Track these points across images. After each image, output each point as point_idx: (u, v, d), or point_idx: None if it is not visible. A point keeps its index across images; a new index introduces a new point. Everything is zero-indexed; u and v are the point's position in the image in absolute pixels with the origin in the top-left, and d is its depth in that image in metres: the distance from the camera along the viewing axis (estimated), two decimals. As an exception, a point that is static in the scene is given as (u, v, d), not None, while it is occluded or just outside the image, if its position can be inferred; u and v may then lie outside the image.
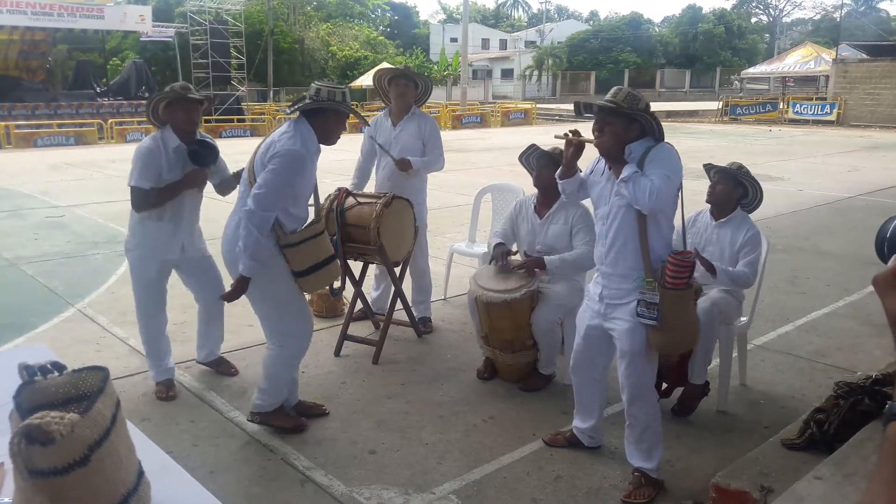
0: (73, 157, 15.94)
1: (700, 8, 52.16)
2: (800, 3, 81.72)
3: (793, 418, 3.20)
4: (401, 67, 4.76)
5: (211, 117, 21.41)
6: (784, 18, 63.51)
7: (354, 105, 3.36)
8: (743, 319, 3.82)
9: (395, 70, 4.71)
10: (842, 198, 10.58)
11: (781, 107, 28.50)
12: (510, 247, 4.12)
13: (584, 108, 2.87)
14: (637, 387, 2.89)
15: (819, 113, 27.16)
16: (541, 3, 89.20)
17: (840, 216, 9.24)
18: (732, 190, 3.62)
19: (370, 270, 4.84)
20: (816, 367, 4.28)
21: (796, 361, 4.38)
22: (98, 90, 23.90)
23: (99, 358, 4.26)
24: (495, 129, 26.33)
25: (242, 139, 20.89)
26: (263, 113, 25.41)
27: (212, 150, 3.68)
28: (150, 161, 3.55)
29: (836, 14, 50.59)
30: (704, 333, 3.31)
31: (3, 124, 18.80)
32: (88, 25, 23.08)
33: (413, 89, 4.64)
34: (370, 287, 5.09)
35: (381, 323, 4.54)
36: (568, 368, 3.49)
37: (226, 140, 19.78)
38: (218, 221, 3.70)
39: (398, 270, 4.46)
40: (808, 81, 40.01)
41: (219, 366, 4.13)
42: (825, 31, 52.73)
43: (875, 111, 25.94)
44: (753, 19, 58.58)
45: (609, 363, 3.13)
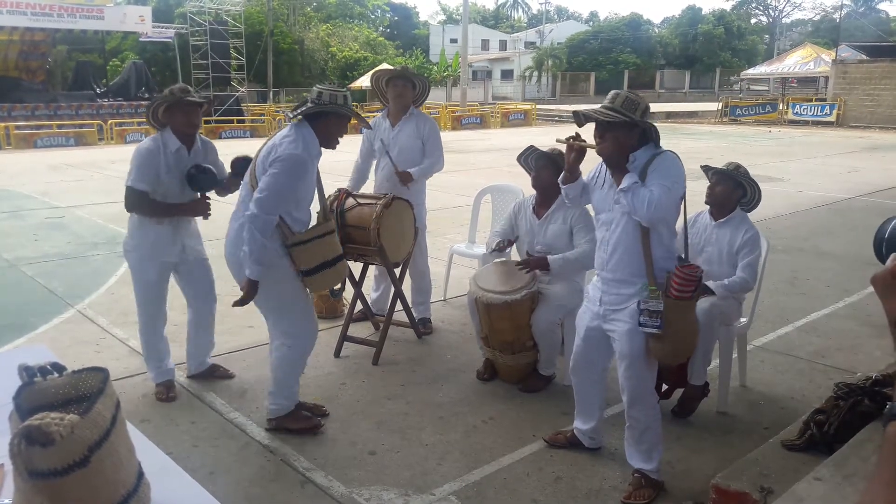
0: (73, 158, 15.95)
1: (700, 9, 52.24)
2: (799, 4, 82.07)
3: (793, 419, 3.20)
4: (398, 68, 4.76)
5: (211, 118, 21.42)
6: (784, 19, 63.73)
7: (355, 107, 3.36)
8: (743, 320, 3.82)
9: (393, 71, 4.71)
10: (841, 198, 10.58)
11: (781, 108, 28.52)
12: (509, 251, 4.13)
13: (585, 118, 2.87)
14: (637, 388, 2.89)
15: (819, 114, 27.17)
16: (540, 4, 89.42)
17: (840, 217, 9.24)
18: (732, 191, 3.62)
19: (370, 271, 4.84)
20: (816, 368, 4.28)
21: (796, 362, 4.38)
22: (98, 91, 23.94)
23: (99, 359, 4.26)
24: (495, 130, 26.34)
25: (242, 140, 20.89)
26: (263, 114, 25.42)
27: (209, 177, 3.66)
28: (149, 162, 3.55)
29: (836, 15, 50.75)
30: (704, 334, 3.31)
31: (3, 125, 18.82)
32: (88, 26, 23.11)
33: (411, 90, 4.64)
34: (370, 288, 5.09)
35: (381, 324, 4.54)
36: (568, 369, 3.49)
37: (225, 141, 19.79)
38: (216, 222, 3.70)
39: (398, 271, 4.46)
40: (808, 82, 40.05)
41: (213, 373, 4.09)
42: (825, 32, 52.78)
43: (875, 112, 25.95)
44: (753, 20, 58.64)
45: (608, 364, 3.13)
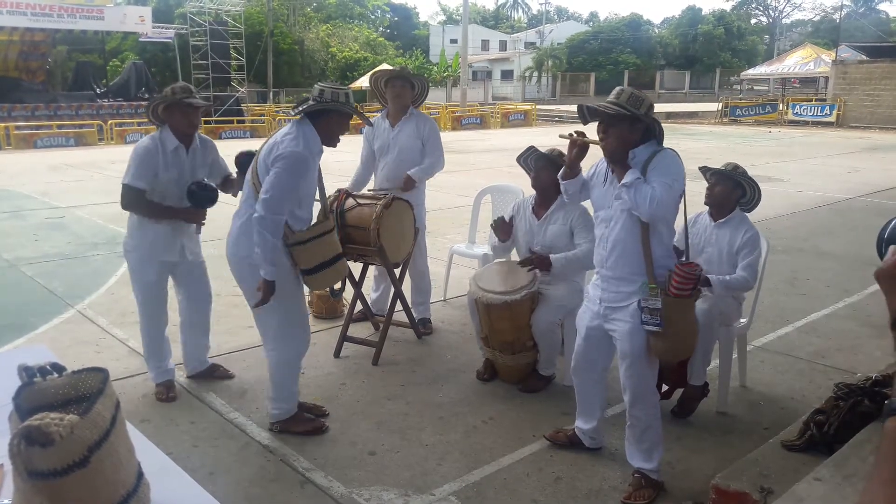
0: (73, 158, 15.95)
1: (700, 9, 52.24)
2: (799, 5, 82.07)
3: (792, 419, 3.20)
4: (396, 69, 4.75)
5: (211, 118, 21.42)
6: (784, 20, 63.75)
7: (356, 106, 3.37)
8: (742, 321, 3.82)
9: (391, 72, 4.71)
10: (841, 199, 10.58)
11: (781, 108, 28.51)
12: (509, 251, 4.13)
13: (589, 113, 2.87)
14: (639, 387, 2.89)
15: (819, 114, 27.17)
16: (540, 5, 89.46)
17: (840, 217, 9.24)
18: (731, 191, 3.61)
19: (370, 272, 4.84)
20: (816, 369, 4.28)
21: (796, 363, 4.38)
22: (98, 91, 23.94)
23: (99, 359, 4.26)
24: (495, 131, 26.34)
25: (242, 140, 20.87)
26: (263, 114, 25.41)
27: (210, 194, 3.68)
28: (147, 161, 3.56)
29: (836, 15, 50.75)
30: (704, 334, 3.31)
31: (3, 125, 18.82)
32: (88, 26, 23.10)
33: (409, 90, 4.63)
34: (370, 288, 5.09)
35: (381, 324, 4.54)
36: (568, 370, 3.49)
37: (225, 141, 19.77)
38: (216, 221, 3.70)
39: (398, 272, 4.46)
40: (808, 83, 40.06)
41: (212, 373, 4.08)
42: (825, 33, 52.79)
43: (875, 112, 25.95)
44: (753, 20, 58.64)
45: (609, 364, 3.13)
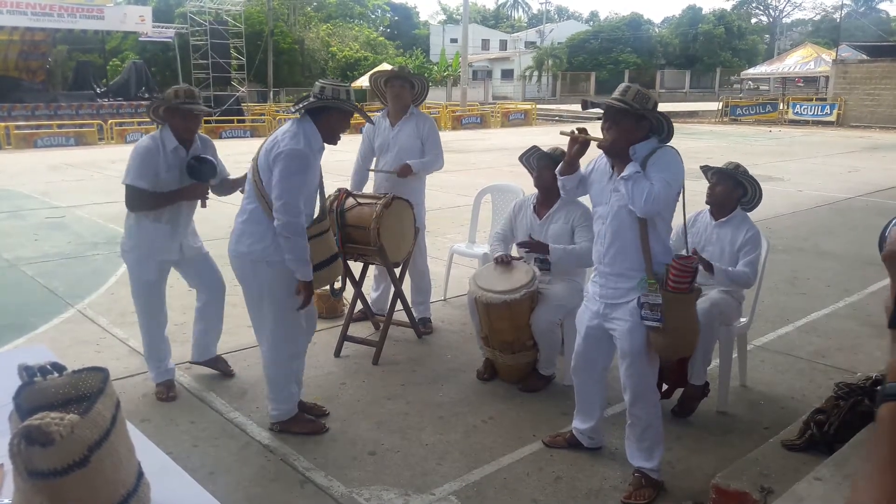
0: (73, 158, 15.95)
1: (700, 8, 52.19)
2: (800, 4, 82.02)
3: (793, 419, 3.20)
4: (395, 69, 4.74)
5: (211, 118, 21.41)
6: (784, 19, 63.73)
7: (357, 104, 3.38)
8: (743, 320, 3.82)
9: (390, 72, 4.71)
10: (842, 198, 10.58)
11: (781, 107, 28.50)
12: (509, 250, 4.13)
13: (593, 105, 2.87)
14: (639, 386, 2.89)
15: (819, 114, 27.15)
16: (541, 4, 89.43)
17: (840, 216, 9.24)
18: (732, 190, 3.61)
19: (370, 271, 4.84)
20: (816, 368, 4.28)
21: (796, 362, 4.38)
22: (98, 91, 23.93)
23: (99, 359, 4.26)
24: (495, 130, 26.33)
25: (242, 140, 20.88)
26: (263, 114, 25.41)
27: (209, 166, 3.69)
28: (148, 160, 3.56)
29: (836, 15, 50.70)
30: (704, 334, 3.31)
31: (3, 125, 18.82)
32: (88, 26, 23.10)
33: (409, 90, 4.64)
34: (370, 288, 5.09)
35: (381, 324, 4.54)
36: (568, 369, 3.49)
37: (225, 141, 19.79)
38: (213, 221, 3.70)
39: (398, 271, 4.46)
40: (808, 82, 40.05)
41: (216, 364, 4.10)
42: (825, 32, 52.75)
43: (875, 112, 25.94)
44: (753, 20, 58.61)
45: (609, 363, 3.13)
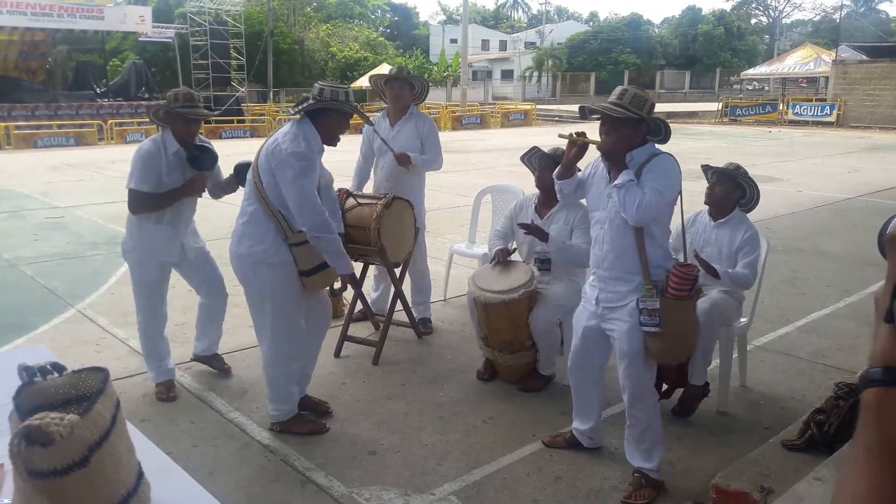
0: (73, 158, 15.94)
1: (700, 9, 52.17)
2: (799, 5, 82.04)
3: (793, 419, 3.21)
4: (394, 70, 4.71)
5: (211, 118, 21.40)
6: (784, 20, 63.72)
7: (357, 105, 3.38)
8: (743, 320, 3.82)
9: (389, 74, 4.71)
10: (841, 199, 10.58)
11: (781, 108, 28.49)
12: (509, 248, 4.13)
13: (591, 113, 2.87)
14: (638, 387, 2.89)
15: (819, 114, 27.15)
16: (540, 4, 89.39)
17: (840, 217, 9.24)
18: (731, 191, 3.62)
19: (370, 271, 4.84)
20: (816, 368, 4.28)
21: (796, 362, 4.38)
22: (98, 91, 23.92)
23: (99, 359, 4.26)
24: (495, 130, 26.33)
25: (242, 140, 20.89)
26: (263, 114, 25.41)
27: (210, 155, 3.72)
28: (150, 164, 3.57)
29: (836, 15, 50.73)
30: (704, 334, 3.31)
31: (3, 125, 18.81)
32: (88, 26, 23.09)
33: (408, 90, 4.64)
34: (370, 288, 5.09)
35: (381, 324, 4.54)
36: (567, 369, 3.49)
37: (225, 141, 19.79)
38: (214, 222, 3.71)
39: (398, 271, 4.46)
40: (808, 82, 40.05)
41: (212, 361, 4.13)
42: (825, 33, 52.76)
43: (875, 112, 25.94)
44: (753, 20, 58.60)
45: (605, 363, 3.14)
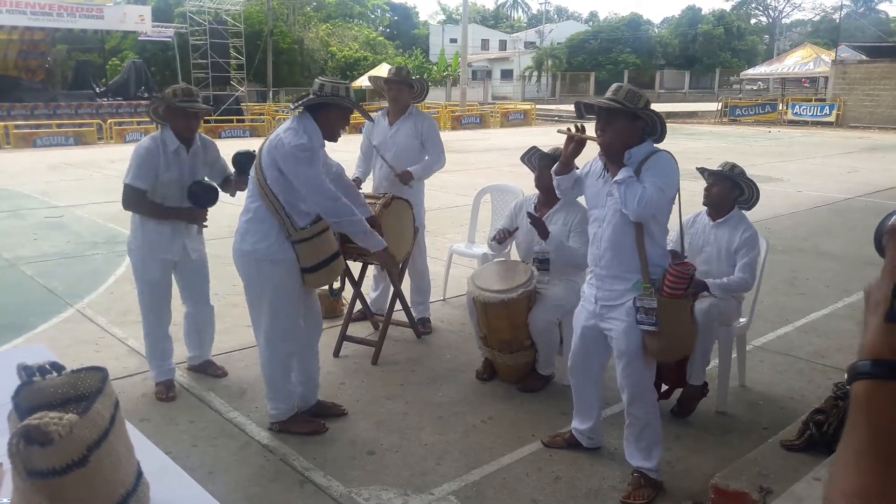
0: (73, 158, 15.93)
1: (699, 9, 52.15)
2: (799, 5, 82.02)
3: (792, 419, 3.21)
4: (392, 71, 4.70)
5: (210, 118, 21.42)
6: (783, 20, 63.72)
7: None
8: (742, 320, 3.82)
9: (388, 75, 4.69)
10: (841, 199, 10.58)
11: (780, 108, 28.50)
12: (508, 248, 4.14)
13: (586, 109, 2.88)
14: (636, 386, 2.89)
15: (818, 114, 27.15)
16: (540, 4, 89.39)
17: (839, 217, 9.24)
18: (729, 191, 3.62)
19: (369, 271, 4.84)
20: (816, 368, 4.28)
21: (795, 362, 4.38)
22: (97, 90, 23.88)
23: (98, 358, 4.26)
24: (495, 130, 26.33)
25: (241, 139, 20.86)
26: (263, 113, 25.41)
27: (210, 195, 3.74)
28: (148, 161, 3.58)
29: (836, 15, 50.78)
30: (703, 334, 3.31)
31: (3, 124, 18.78)
32: (88, 25, 23.07)
33: (408, 90, 4.64)
34: (369, 288, 5.09)
35: (381, 323, 4.54)
36: (567, 369, 3.49)
37: (225, 140, 19.77)
38: (217, 221, 3.70)
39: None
40: (810, 82, 40.02)
41: (206, 368, 4.13)
42: (824, 33, 52.75)
43: (874, 112, 25.94)
44: (753, 20, 58.60)
45: (606, 363, 3.14)
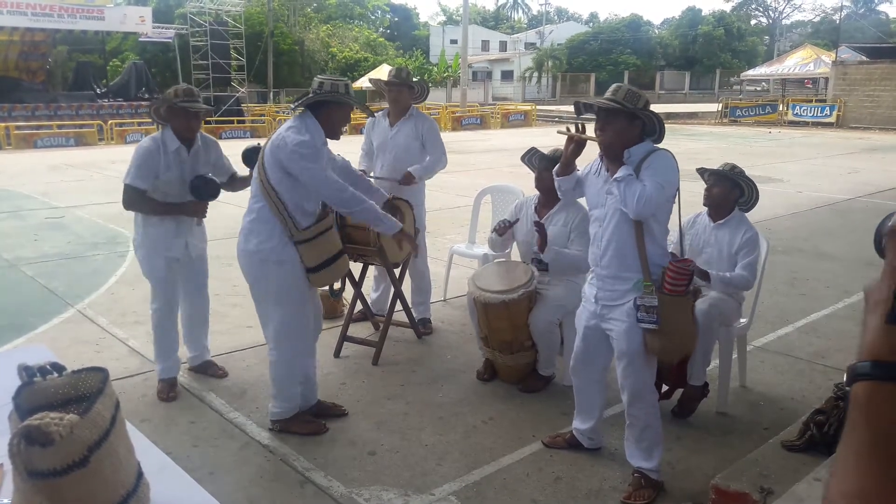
0: (73, 158, 15.93)
1: (699, 10, 52.14)
2: (799, 6, 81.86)
3: (792, 420, 3.20)
4: (392, 72, 4.70)
5: (211, 119, 21.42)
6: (783, 20, 63.71)
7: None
8: (742, 321, 3.82)
9: (389, 77, 4.69)
10: (841, 199, 10.58)
11: (781, 109, 28.49)
12: (508, 248, 4.14)
13: (585, 108, 2.88)
14: (637, 386, 2.89)
15: (818, 115, 27.14)
16: (540, 5, 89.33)
17: (840, 218, 9.24)
18: (729, 192, 3.62)
19: (370, 271, 4.84)
20: (816, 369, 4.27)
21: (796, 363, 4.38)
22: (98, 91, 23.90)
23: (98, 359, 4.26)
24: (495, 131, 26.33)
25: (242, 140, 20.85)
26: (263, 114, 25.41)
27: (212, 188, 3.75)
28: (148, 161, 3.59)
29: (836, 16, 50.76)
30: (704, 335, 3.31)
31: (3, 125, 18.79)
32: (88, 26, 23.06)
33: (407, 91, 4.65)
34: (370, 288, 5.09)
35: (381, 324, 4.54)
36: (568, 370, 3.49)
37: (226, 141, 19.70)
38: (217, 221, 3.70)
39: (398, 272, 4.46)
40: (811, 83, 40.04)
41: (206, 369, 4.13)
42: (824, 34, 52.73)
43: (874, 113, 25.93)
44: (753, 21, 58.61)
45: (608, 363, 3.13)
